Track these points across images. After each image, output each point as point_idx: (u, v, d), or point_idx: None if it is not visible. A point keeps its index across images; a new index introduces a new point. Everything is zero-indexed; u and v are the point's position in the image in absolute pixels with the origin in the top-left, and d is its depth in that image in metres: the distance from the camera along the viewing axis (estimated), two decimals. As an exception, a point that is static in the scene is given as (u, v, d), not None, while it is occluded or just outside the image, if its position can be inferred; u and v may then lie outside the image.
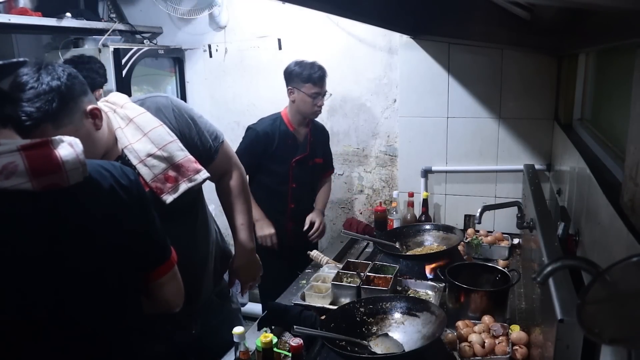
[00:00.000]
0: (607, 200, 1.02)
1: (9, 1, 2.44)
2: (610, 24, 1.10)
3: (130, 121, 1.30)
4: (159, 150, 1.30)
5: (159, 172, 1.31)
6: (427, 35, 2.44)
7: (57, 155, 0.85)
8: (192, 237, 1.49)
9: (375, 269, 1.83)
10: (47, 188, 0.84)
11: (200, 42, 3.13)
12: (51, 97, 1.04)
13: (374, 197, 2.94)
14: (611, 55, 1.59)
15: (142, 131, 1.30)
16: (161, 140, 1.31)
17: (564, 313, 0.88)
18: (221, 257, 1.67)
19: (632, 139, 0.94)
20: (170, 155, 1.31)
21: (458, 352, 1.43)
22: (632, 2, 0.68)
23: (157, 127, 1.32)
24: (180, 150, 1.33)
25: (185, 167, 1.33)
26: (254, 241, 1.69)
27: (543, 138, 2.41)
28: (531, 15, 1.73)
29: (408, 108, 2.64)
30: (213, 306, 1.61)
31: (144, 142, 1.29)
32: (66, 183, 0.86)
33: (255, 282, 1.75)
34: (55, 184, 0.85)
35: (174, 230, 1.30)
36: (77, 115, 1.12)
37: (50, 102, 1.04)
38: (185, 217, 1.45)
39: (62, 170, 0.85)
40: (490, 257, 2.16)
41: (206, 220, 1.58)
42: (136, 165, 1.29)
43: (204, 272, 1.56)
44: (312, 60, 2.36)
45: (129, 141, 1.29)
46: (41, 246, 0.85)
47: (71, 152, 0.87)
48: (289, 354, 1.43)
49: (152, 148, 1.29)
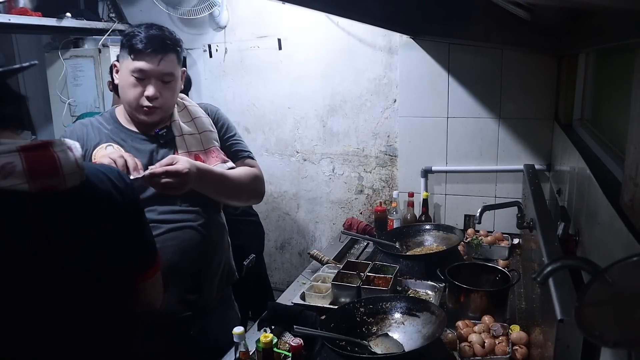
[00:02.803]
0: (607, 200, 1.01)
1: (9, 1, 2.44)
2: (610, 24, 1.10)
3: (185, 108, 1.58)
4: (198, 134, 1.54)
5: (192, 150, 1.52)
6: (427, 35, 2.44)
7: (56, 158, 0.84)
8: (207, 233, 1.54)
9: (375, 269, 1.83)
10: (43, 190, 0.84)
11: (200, 42, 3.13)
12: (181, 44, 1.50)
13: (374, 197, 2.94)
14: (611, 55, 1.59)
15: (190, 116, 1.57)
16: (203, 127, 1.56)
17: (564, 313, 0.88)
18: (227, 273, 1.68)
19: (632, 139, 0.94)
20: (207, 140, 1.54)
21: (458, 352, 1.43)
22: (632, 2, 0.68)
23: (203, 117, 1.59)
24: (215, 141, 1.57)
25: (214, 154, 1.54)
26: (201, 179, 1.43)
27: (543, 138, 2.41)
28: (531, 15, 1.72)
29: (408, 108, 2.64)
30: (214, 310, 1.62)
31: (189, 124, 1.55)
32: (63, 186, 0.86)
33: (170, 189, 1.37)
34: (51, 186, 0.85)
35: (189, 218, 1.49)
36: (180, 68, 1.50)
37: (181, 47, 1.50)
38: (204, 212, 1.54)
39: (60, 173, 0.85)
40: (490, 257, 2.16)
41: (222, 227, 1.66)
42: (176, 137, 1.50)
43: (208, 270, 1.57)
44: None
45: (179, 119, 1.54)
46: (35, 247, 0.85)
47: (70, 155, 0.87)
48: (289, 354, 1.43)
49: (194, 130, 1.54)
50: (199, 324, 1.56)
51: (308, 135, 2.96)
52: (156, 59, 1.40)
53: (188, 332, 1.54)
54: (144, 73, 1.41)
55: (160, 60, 1.41)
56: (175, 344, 1.52)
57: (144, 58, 1.40)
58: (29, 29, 2.68)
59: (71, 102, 2.96)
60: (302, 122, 2.95)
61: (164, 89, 1.44)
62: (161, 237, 1.46)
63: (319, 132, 2.96)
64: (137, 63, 1.41)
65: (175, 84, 1.49)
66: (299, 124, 2.97)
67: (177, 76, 1.48)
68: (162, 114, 1.49)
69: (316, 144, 2.99)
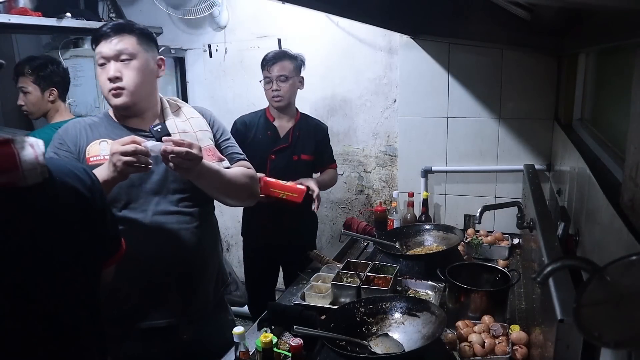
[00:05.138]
0: (607, 200, 1.01)
1: (9, 1, 2.44)
2: (610, 24, 1.10)
3: (179, 109, 1.61)
4: (193, 132, 1.55)
5: None
6: (427, 35, 2.45)
7: (16, 154, 0.85)
8: (202, 236, 1.54)
9: (375, 269, 1.83)
10: (3, 186, 0.85)
11: (200, 42, 3.13)
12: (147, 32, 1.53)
13: (374, 197, 2.94)
14: (611, 55, 1.59)
15: (186, 117, 1.59)
16: (198, 126, 1.58)
17: (564, 313, 0.88)
18: (222, 277, 1.68)
19: (632, 139, 0.94)
20: (202, 139, 1.55)
21: (458, 352, 1.43)
22: (632, 2, 0.68)
23: (198, 118, 1.61)
24: (210, 140, 1.58)
25: (210, 153, 1.53)
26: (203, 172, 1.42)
27: (543, 138, 2.41)
28: (531, 15, 1.73)
29: (408, 108, 2.64)
30: (208, 315, 1.60)
31: (185, 123, 1.57)
32: (23, 182, 0.86)
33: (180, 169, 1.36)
34: (11, 182, 0.85)
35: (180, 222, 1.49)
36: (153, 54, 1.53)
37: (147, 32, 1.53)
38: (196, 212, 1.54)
39: (19, 169, 0.85)
40: (490, 257, 2.16)
41: (214, 231, 1.66)
42: (173, 134, 1.47)
43: (201, 276, 1.56)
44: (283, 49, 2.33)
45: (174, 119, 1.56)
46: None
47: (31, 152, 0.87)
48: (289, 354, 1.43)
49: (189, 128, 1.56)
50: (192, 329, 1.55)
51: (308, 135, 2.96)
52: (111, 41, 1.44)
53: (181, 338, 1.53)
54: (104, 57, 1.45)
55: (115, 41, 1.45)
56: (168, 350, 1.51)
57: (101, 42, 1.45)
58: (29, 29, 2.68)
59: (71, 102, 2.96)
60: (302, 122, 2.95)
61: (125, 69, 1.45)
62: (154, 239, 1.45)
63: (319, 132, 2.96)
64: (98, 49, 1.46)
65: (138, 63, 1.46)
66: (299, 124, 2.97)
67: (138, 56, 1.46)
68: (131, 97, 1.46)
69: (316, 144, 2.99)
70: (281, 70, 2.33)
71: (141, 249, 1.37)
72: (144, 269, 1.44)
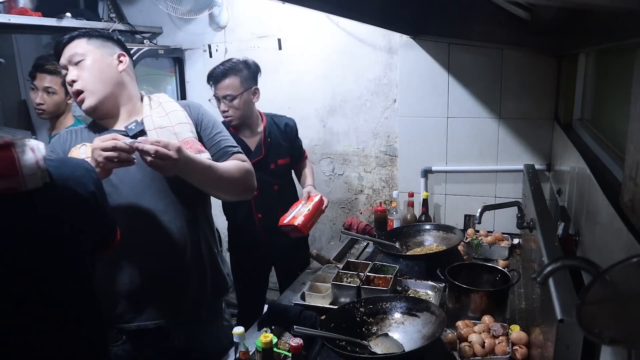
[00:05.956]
0: (607, 200, 1.01)
1: (9, 1, 2.44)
2: (610, 24, 1.10)
3: (160, 105, 1.57)
4: (172, 126, 1.51)
5: None
6: (427, 35, 2.44)
7: (16, 159, 0.84)
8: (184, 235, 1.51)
9: (375, 269, 1.83)
10: (2, 192, 0.84)
11: (200, 42, 3.13)
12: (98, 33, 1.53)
13: (374, 197, 2.94)
14: (611, 55, 1.59)
15: (165, 112, 1.55)
16: (177, 120, 1.53)
17: (564, 313, 0.88)
18: (216, 283, 1.61)
19: (632, 139, 0.94)
20: (180, 132, 1.51)
21: (458, 352, 1.43)
22: (632, 2, 0.68)
23: (177, 111, 1.56)
24: (189, 132, 1.53)
25: (189, 144, 1.48)
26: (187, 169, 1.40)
27: (543, 138, 2.41)
28: (531, 15, 1.73)
29: (408, 108, 2.64)
30: (201, 321, 1.58)
31: (163, 118, 1.53)
32: (23, 187, 0.86)
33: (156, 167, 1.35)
34: (11, 187, 0.85)
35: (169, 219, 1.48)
36: (109, 50, 1.52)
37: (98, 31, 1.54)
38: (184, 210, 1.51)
39: (19, 174, 0.85)
40: (490, 257, 2.16)
41: (205, 231, 1.60)
42: (149, 131, 1.47)
43: (187, 277, 1.52)
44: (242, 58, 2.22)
45: (151, 115, 1.52)
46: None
47: (31, 157, 0.87)
48: (289, 354, 1.43)
49: (168, 123, 1.52)
50: (184, 334, 1.53)
51: (308, 135, 2.96)
52: (64, 48, 1.48)
53: (173, 342, 1.51)
54: (62, 67, 1.50)
55: (66, 47, 1.48)
56: (160, 354, 1.50)
57: (59, 53, 1.50)
58: (29, 29, 2.68)
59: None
60: (302, 122, 2.95)
61: (78, 70, 1.47)
62: (143, 239, 1.44)
63: (319, 132, 2.96)
64: (60, 61, 1.51)
65: (90, 61, 1.47)
66: (299, 124, 2.95)
67: (89, 54, 1.47)
68: (93, 97, 1.47)
69: (316, 144, 2.99)
70: (226, 90, 2.17)
71: (127, 247, 1.36)
72: (129, 267, 1.44)
